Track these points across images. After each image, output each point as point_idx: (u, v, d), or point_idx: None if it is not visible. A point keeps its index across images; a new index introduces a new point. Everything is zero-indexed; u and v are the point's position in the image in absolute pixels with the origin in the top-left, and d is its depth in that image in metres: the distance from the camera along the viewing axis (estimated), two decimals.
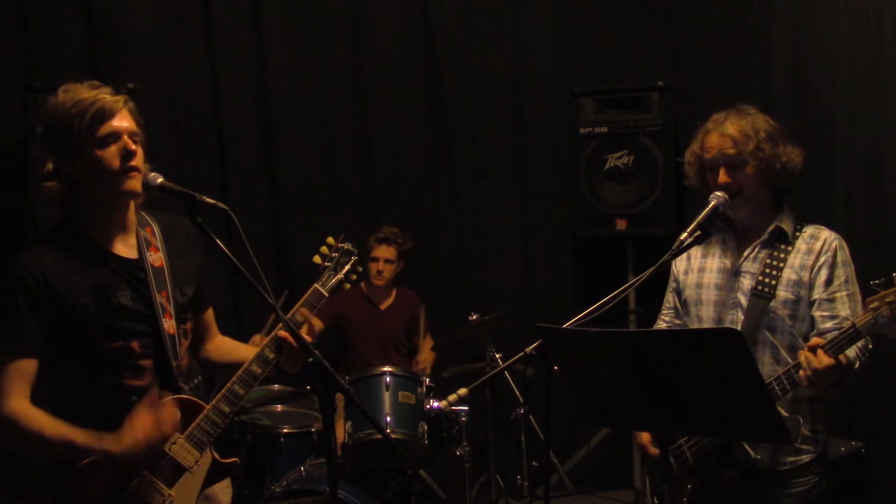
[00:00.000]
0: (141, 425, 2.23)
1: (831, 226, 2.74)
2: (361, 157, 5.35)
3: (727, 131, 2.68)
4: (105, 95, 2.27)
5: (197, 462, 2.34)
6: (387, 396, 3.91)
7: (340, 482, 3.39)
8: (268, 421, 4.13)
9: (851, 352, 2.44)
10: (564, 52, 5.46)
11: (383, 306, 4.94)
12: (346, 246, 2.66)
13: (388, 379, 3.94)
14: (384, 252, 4.82)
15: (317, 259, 2.63)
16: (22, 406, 2.23)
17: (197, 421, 2.36)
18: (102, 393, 2.31)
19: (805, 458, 2.66)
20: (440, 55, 5.39)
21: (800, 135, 2.84)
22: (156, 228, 2.45)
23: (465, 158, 5.45)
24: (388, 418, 3.86)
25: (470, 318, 4.45)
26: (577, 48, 5.47)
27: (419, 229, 5.27)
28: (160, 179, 2.28)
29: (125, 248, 2.37)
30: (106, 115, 2.26)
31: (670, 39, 5.32)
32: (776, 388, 2.49)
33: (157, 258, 2.39)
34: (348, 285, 2.68)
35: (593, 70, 5.45)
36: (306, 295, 2.56)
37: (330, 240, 2.67)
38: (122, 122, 2.29)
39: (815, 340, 2.40)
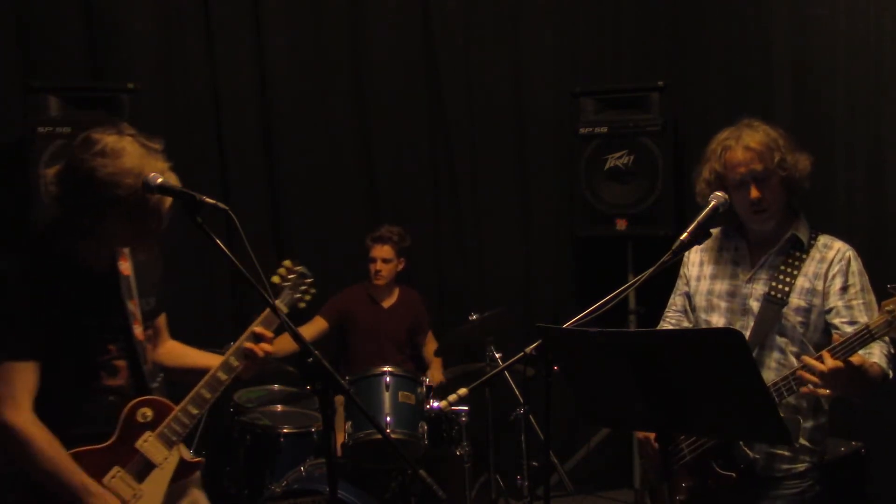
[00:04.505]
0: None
1: (832, 225, 2.74)
2: (361, 157, 5.34)
3: (751, 145, 2.64)
4: (172, 178, 2.34)
5: (166, 459, 2.48)
6: (387, 396, 3.91)
7: (340, 482, 3.39)
8: (268, 421, 4.12)
9: (882, 360, 2.47)
10: (564, 52, 5.46)
11: (386, 305, 4.94)
12: (301, 269, 2.83)
13: (388, 379, 3.95)
14: (381, 252, 4.81)
15: (275, 279, 2.76)
16: (26, 420, 2.29)
17: (167, 421, 2.48)
18: (80, 392, 2.40)
19: (801, 466, 2.67)
20: (440, 55, 5.39)
21: (800, 135, 2.82)
22: None
23: (465, 158, 5.45)
24: (388, 418, 3.86)
25: (470, 318, 4.45)
26: (577, 48, 5.47)
27: (419, 229, 5.26)
28: (160, 179, 2.29)
29: (104, 263, 2.47)
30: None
31: (670, 39, 5.31)
32: (783, 391, 2.50)
33: (125, 267, 2.51)
34: (303, 304, 2.85)
35: (593, 70, 5.45)
36: (264, 313, 2.61)
37: (287, 262, 2.82)
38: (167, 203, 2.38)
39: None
